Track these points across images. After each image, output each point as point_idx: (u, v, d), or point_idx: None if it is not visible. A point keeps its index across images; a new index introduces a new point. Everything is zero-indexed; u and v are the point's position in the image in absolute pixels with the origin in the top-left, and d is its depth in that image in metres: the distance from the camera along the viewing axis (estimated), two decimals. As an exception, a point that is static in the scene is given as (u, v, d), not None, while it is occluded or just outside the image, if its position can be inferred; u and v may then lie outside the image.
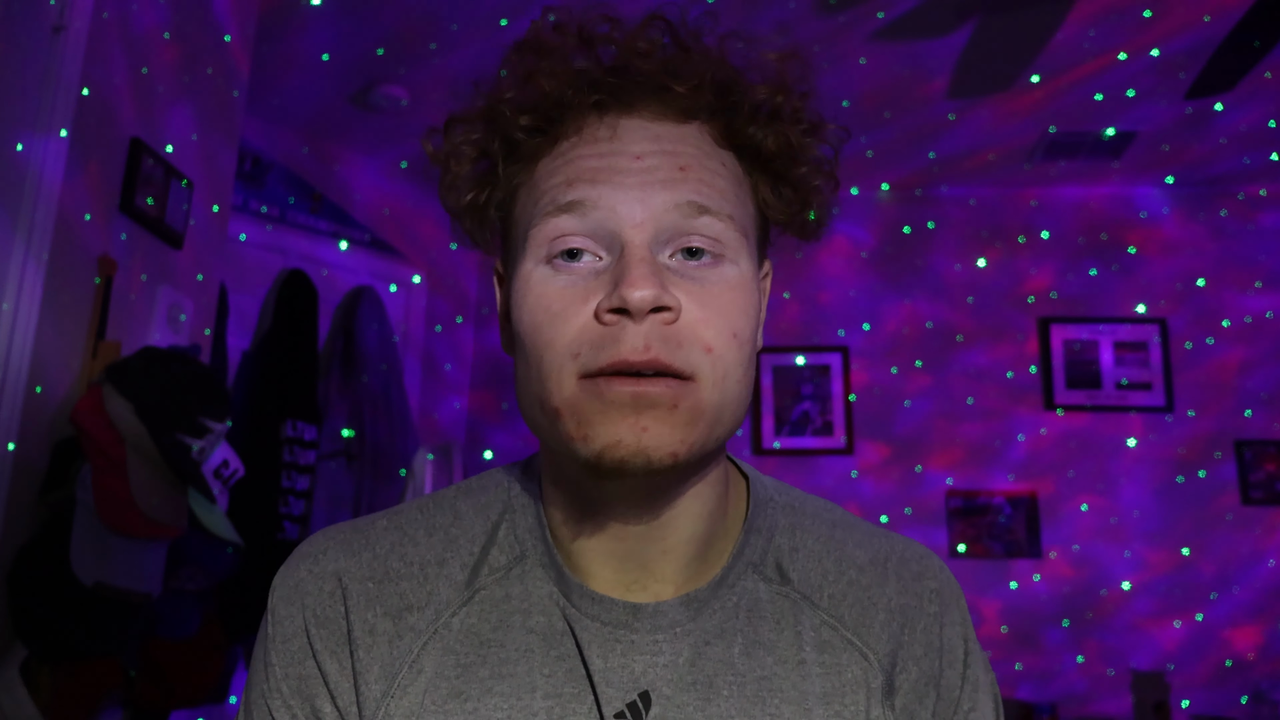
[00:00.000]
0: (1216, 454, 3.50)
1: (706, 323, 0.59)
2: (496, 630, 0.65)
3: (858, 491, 3.53)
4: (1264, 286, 3.60)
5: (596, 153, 0.62)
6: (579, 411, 0.58)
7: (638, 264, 0.57)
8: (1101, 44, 2.74)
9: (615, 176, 0.60)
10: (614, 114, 0.63)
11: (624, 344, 0.57)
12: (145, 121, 1.95)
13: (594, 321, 0.58)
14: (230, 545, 1.78)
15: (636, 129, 0.62)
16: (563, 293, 0.60)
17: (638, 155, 0.61)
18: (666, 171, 0.61)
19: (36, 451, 1.65)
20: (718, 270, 0.61)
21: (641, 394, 0.56)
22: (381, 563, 0.67)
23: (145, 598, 1.61)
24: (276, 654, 0.66)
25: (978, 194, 3.75)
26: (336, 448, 3.05)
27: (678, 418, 0.57)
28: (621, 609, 0.64)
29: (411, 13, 2.67)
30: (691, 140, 0.63)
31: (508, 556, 0.67)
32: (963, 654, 0.69)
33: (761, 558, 0.68)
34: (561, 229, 0.60)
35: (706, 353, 0.58)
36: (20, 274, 1.60)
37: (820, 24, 2.66)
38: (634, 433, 0.56)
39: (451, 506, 0.71)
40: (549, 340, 0.59)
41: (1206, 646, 3.35)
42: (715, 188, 0.62)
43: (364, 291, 3.29)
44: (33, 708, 1.52)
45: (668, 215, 0.60)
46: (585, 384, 0.58)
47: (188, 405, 1.68)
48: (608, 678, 0.63)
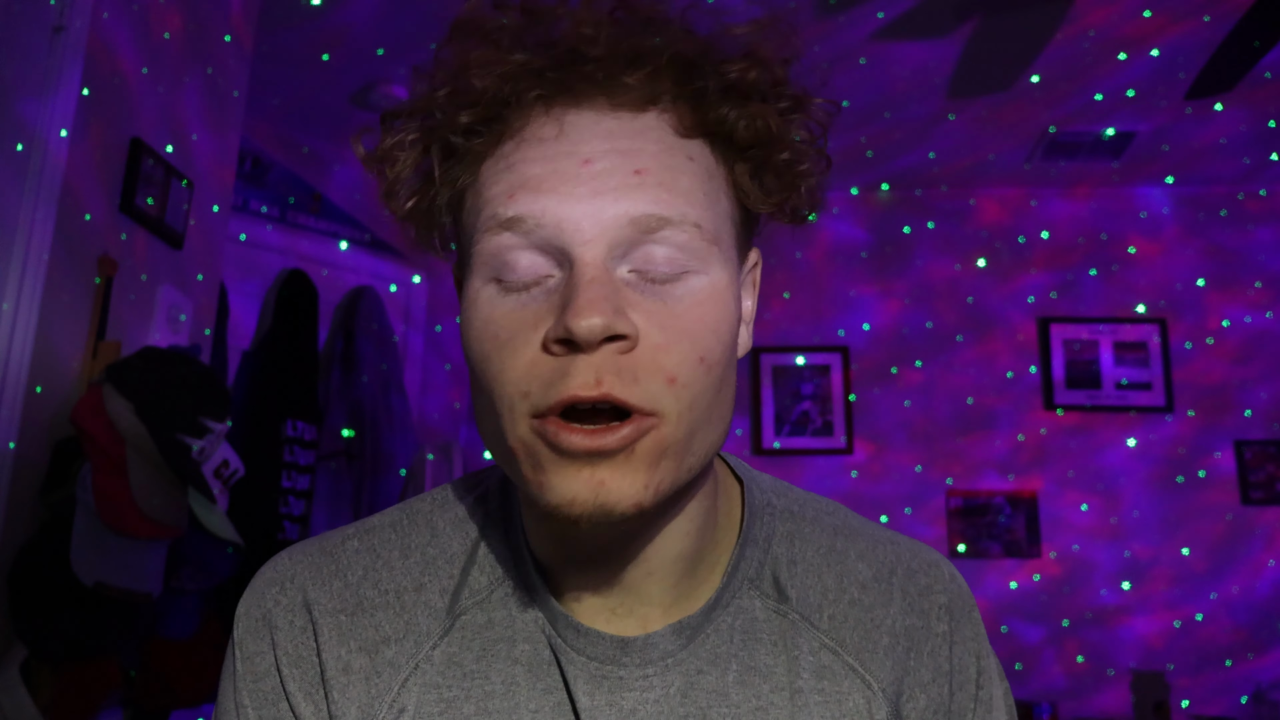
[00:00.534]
0: (1216, 454, 3.50)
1: (668, 349, 0.52)
2: (479, 660, 0.60)
3: (858, 491, 3.53)
4: (1263, 286, 3.60)
5: (541, 155, 0.54)
6: (535, 457, 0.52)
7: (587, 285, 0.50)
8: (1101, 44, 2.74)
9: (562, 185, 0.53)
10: (561, 107, 0.54)
11: (573, 379, 0.50)
12: (145, 121, 1.95)
13: (542, 353, 0.51)
14: (230, 545, 1.78)
15: (586, 125, 0.54)
16: (509, 317, 0.53)
17: (586, 159, 0.53)
18: (620, 177, 0.53)
19: (36, 451, 1.65)
20: (683, 284, 0.53)
21: (595, 448, 0.50)
22: (354, 592, 0.61)
23: (145, 598, 1.61)
24: (248, 694, 0.61)
25: (978, 194, 3.75)
26: (336, 448, 3.05)
27: (636, 463, 0.51)
28: (609, 644, 0.59)
29: (411, 13, 2.67)
30: (650, 134, 0.54)
31: (489, 577, 0.62)
32: (975, 673, 0.65)
33: (758, 572, 0.63)
34: (503, 245, 0.53)
35: (669, 384, 0.51)
36: (20, 274, 1.60)
37: (820, 24, 2.66)
38: (589, 488, 0.51)
39: (428, 522, 0.65)
40: (497, 374, 0.53)
41: (1206, 646, 3.35)
42: (678, 191, 0.53)
43: (364, 291, 3.29)
44: (33, 708, 1.52)
45: (622, 230, 0.52)
46: (537, 425, 0.51)
47: (188, 405, 1.68)
48: (594, 715, 0.58)
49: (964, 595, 0.67)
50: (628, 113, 0.55)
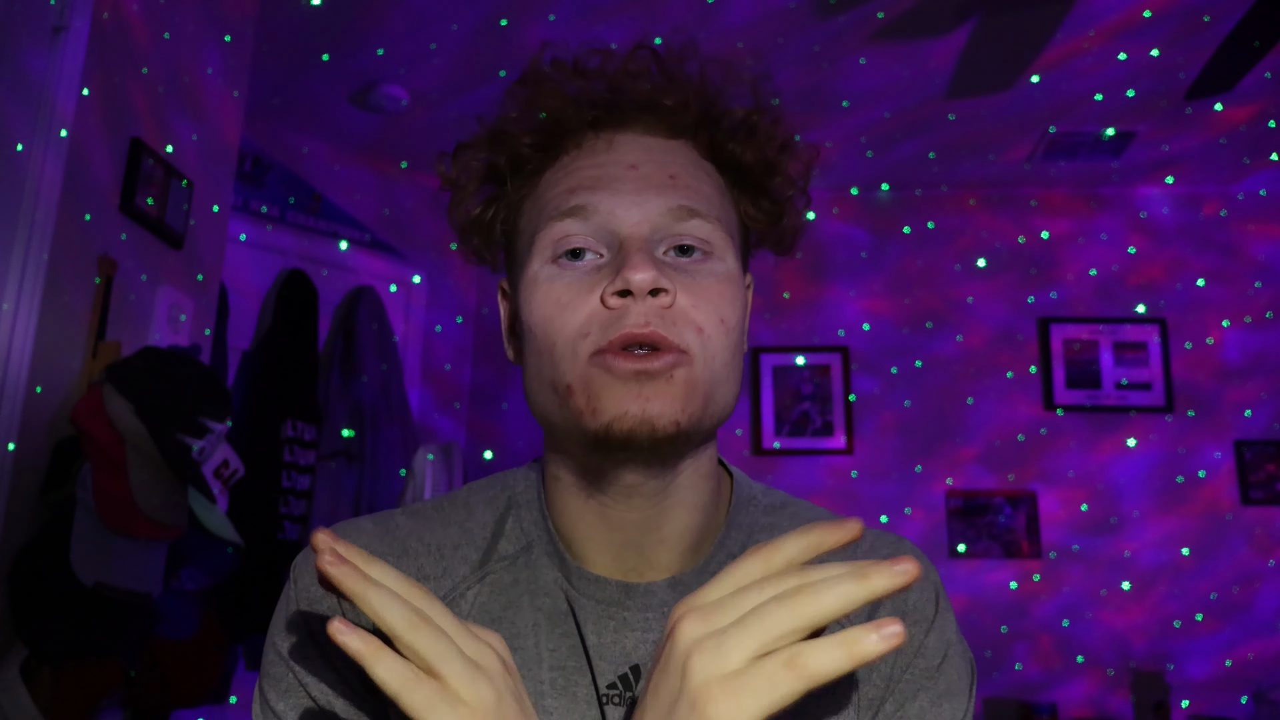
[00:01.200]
0: (1216, 454, 3.50)
1: (697, 308, 0.65)
2: (506, 609, 0.69)
3: (858, 491, 3.53)
4: (1263, 286, 3.60)
5: (595, 163, 0.68)
6: (589, 386, 0.63)
7: (637, 251, 0.64)
8: (1101, 44, 2.74)
9: (613, 184, 0.67)
10: (609, 130, 0.70)
11: (628, 320, 0.63)
12: (145, 121, 1.95)
13: (600, 307, 0.64)
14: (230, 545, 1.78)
15: (630, 142, 0.70)
16: (569, 287, 0.66)
17: (632, 164, 0.68)
18: (659, 179, 0.67)
19: (36, 451, 1.65)
20: (707, 265, 0.67)
21: (643, 369, 0.62)
22: (400, 543, 0.72)
23: (145, 598, 1.61)
24: (302, 616, 0.69)
25: (978, 194, 3.75)
26: (336, 448, 3.05)
27: (675, 389, 0.63)
28: (615, 588, 0.69)
29: (411, 13, 2.67)
30: (679, 153, 0.70)
31: (515, 547, 0.72)
32: (931, 614, 0.70)
33: (741, 549, 0.72)
34: (566, 230, 0.67)
35: (698, 333, 0.64)
36: (20, 274, 1.61)
37: (820, 24, 2.66)
38: (639, 403, 0.62)
39: (464, 503, 0.76)
40: (560, 327, 0.65)
41: (1206, 646, 3.35)
42: (702, 194, 0.68)
43: (364, 291, 3.29)
44: (33, 708, 1.52)
45: (661, 217, 0.66)
46: (594, 360, 0.63)
47: (188, 405, 1.68)
48: (601, 652, 0.68)
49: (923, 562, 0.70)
50: (661, 137, 0.71)
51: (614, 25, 2.67)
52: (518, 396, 3.74)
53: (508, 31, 2.74)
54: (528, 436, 3.70)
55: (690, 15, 2.63)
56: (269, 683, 0.68)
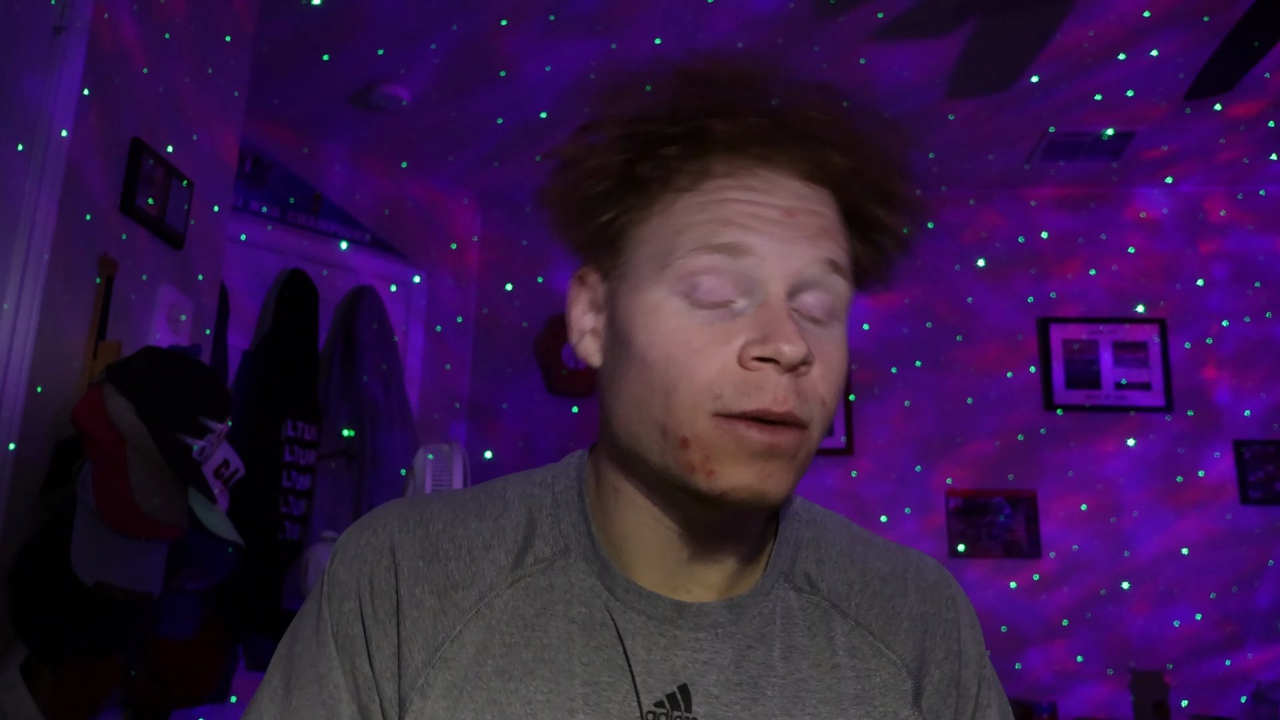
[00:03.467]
0: (1216, 454, 3.50)
1: (825, 379, 0.63)
2: (540, 616, 0.68)
3: (858, 491, 3.53)
4: (1263, 286, 3.60)
5: (749, 200, 0.64)
6: (710, 449, 0.61)
7: (787, 319, 0.61)
8: (1101, 44, 2.74)
9: (768, 227, 0.63)
10: (758, 160, 0.65)
11: (768, 393, 0.60)
12: (145, 121, 1.95)
13: (735, 364, 0.61)
14: (230, 545, 1.78)
15: (787, 185, 0.65)
16: (702, 330, 0.62)
17: (789, 210, 0.64)
18: (812, 229, 0.64)
19: (36, 451, 1.65)
20: (831, 329, 0.65)
21: (774, 445, 0.61)
22: (433, 542, 0.71)
23: (146, 598, 1.61)
24: (330, 611, 0.70)
25: (978, 194, 3.75)
26: (337, 448, 3.05)
27: (794, 465, 0.62)
28: (668, 605, 0.67)
29: (411, 13, 2.67)
30: (827, 203, 0.67)
31: (552, 549, 0.71)
32: (977, 655, 0.75)
33: (790, 567, 0.72)
34: (711, 266, 0.62)
35: (821, 406, 0.63)
36: (20, 274, 1.61)
37: (820, 24, 2.66)
38: (759, 478, 0.61)
39: (501, 496, 0.74)
40: (688, 375, 0.61)
41: (1206, 646, 3.35)
42: (845, 250, 0.66)
43: (364, 291, 3.29)
44: (33, 708, 1.52)
45: (809, 268, 0.64)
46: (720, 423, 0.61)
47: (188, 405, 1.68)
48: (649, 669, 0.66)
49: (964, 596, 0.78)
50: (810, 184, 0.66)
51: (614, 25, 2.67)
52: (518, 396, 3.74)
53: (508, 32, 2.74)
54: (528, 437, 3.70)
55: (690, 14, 2.63)
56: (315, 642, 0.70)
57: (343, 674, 0.68)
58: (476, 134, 3.37)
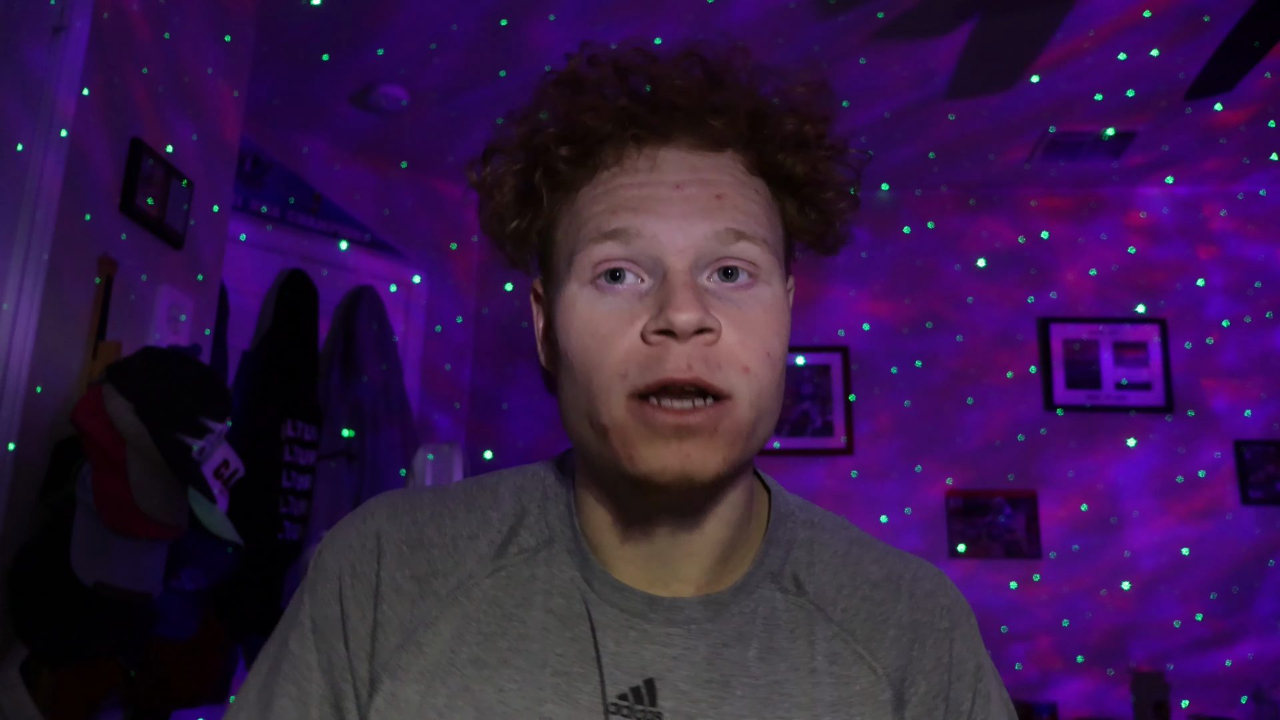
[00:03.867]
0: (1216, 454, 3.50)
1: (744, 344, 0.62)
2: (519, 606, 0.69)
3: (858, 491, 3.53)
4: (1263, 286, 3.60)
5: (637, 182, 0.65)
6: (626, 433, 0.61)
7: (682, 288, 0.61)
8: (1101, 44, 2.74)
9: (657, 206, 0.64)
10: (652, 145, 0.66)
11: (668, 363, 0.60)
12: (145, 121, 1.95)
13: (640, 343, 0.61)
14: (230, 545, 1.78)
15: (674, 159, 0.66)
16: (609, 316, 0.63)
17: (677, 184, 0.64)
18: (705, 200, 0.64)
19: (36, 451, 1.65)
20: (753, 292, 0.64)
21: (684, 425, 0.60)
22: (419, 530, 0.72)
23: (145, 598, 1.61)
24: (310, 595, 0.71)
25: (978, 194, 3.75)
26: (337, 448, 3.05)
27: (718, 440, 0.61)
28: (640, 599, 0.68)
29: (411, 13, 2.67)
30: (726, 169, 0.66)
31: (536, 539, 0.72)
32: (973, 667, 0.72)
33: (779, 568, 0.72)
34: (606, 254, 0.64)
35: (744, 373, 0.62)
36: (20, 274, 1.60)
37: (820, 24, 2.66)
38: (678, 459, 0.60)
39: (493, 488, 0.76)
40: (597, 362, 0.62)
41: (1206, 646, 3.35)
42: (750, 214, 0.65)
43: (364, 291, 3.29)
44: (33, 708, 1.52)
45: (707, 242, 0.63)
46: (632, 406, 0.61)
47: (188, 405, 1.68)
48: (617, 661, 0.66)
49: (963, 604, 0.76)
50: (708, 152, 0.67)
51: (615, 25, 2.67)
52: (518, 396, 3.74)
53: (508, 31, 2.74)
54: (528, 437, 3.70)
55: (690, 14, 2.63)
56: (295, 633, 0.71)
57: (317, 654, 0.69)
58: (476, 134, 3.37)
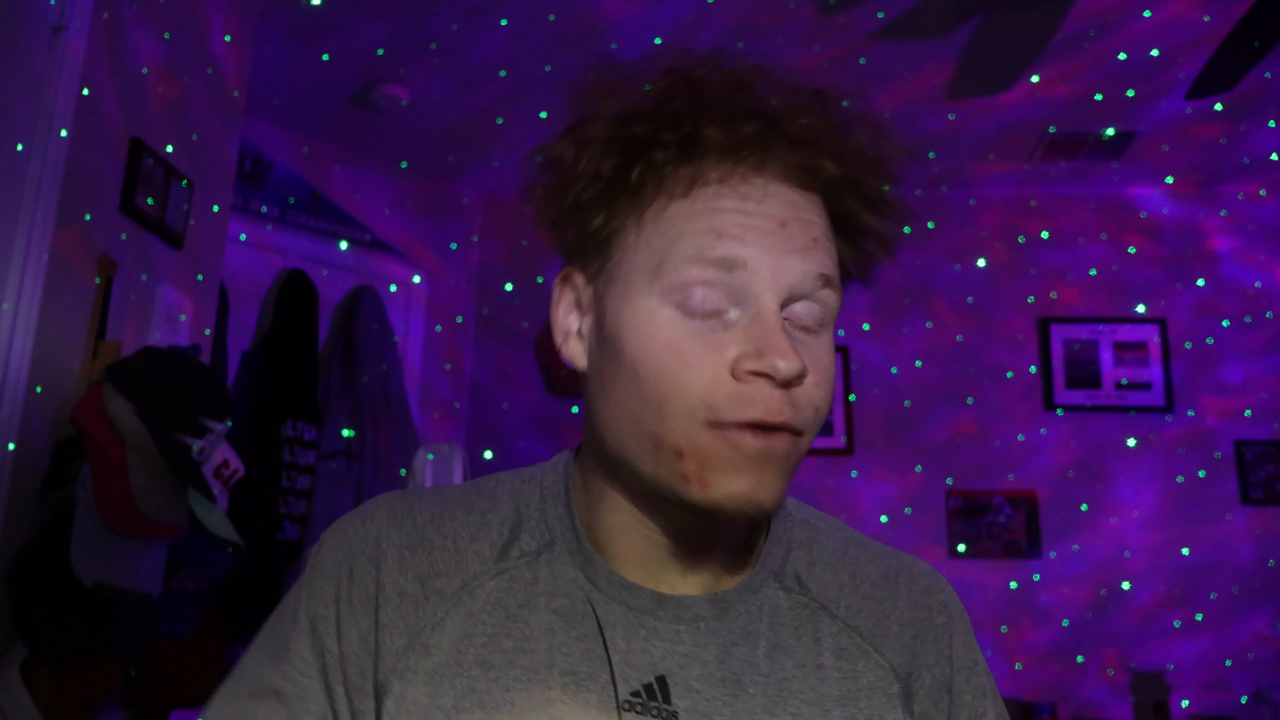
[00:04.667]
0: (1216, 454, 3.50)
1: (818, 387, 0.64)
2: (523, 608, 0.69)
3: (858, 491, 3.53)
4: (1263, 286, 3.60)
5: (742, 209, 0.63)
6: (706, 457, 0.61)
7: (779, 333, 0.61)
8: (1101, 44, 2.74)
9: (761, 239, 0.63)
10: (758, 173, 0.64)
11: (762, 404, 0.61)
12: (145, 121, 1.95)
13: (728, 375, 0.61)
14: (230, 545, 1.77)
15: (778, 194, 0.64)
16: (695, 341, 0.62)
17: (782, 222, 0.63)
18: (803, 241, 0.64)
19: (36, 451, 1.65)
20: (822, 338, 0.66)
21: (769, 449, 0.61)
22: (419, 532, 0.72)
23: (145, 598, 1.61)
24: (308, 592, 0.71)
25: (978, 194, 3.75)
26: (337, 448, 3.05)
27: (786, 471, 0.63)
28: (648, 596, 0.68)
29: (411, 13, 2.67)
30: (818, 211, 0.66)
31: (537, 542, 0.71)
32: (970, 662, 0.74)
33: (781, 567, 0.72)
34: (703, 278, 0.62)
35: (814, 413, 0.64)
36: (20, 274, 1.60)
37: (820, 24, 2.66)
38: (753, 486, 0.61)
39: (491, 492, 0.75)
40: (680, 386, 0.61)
41: (1206, 646, 3.35)
42: (835, 260, 0.66)
43: (364, 291, 3.29)
44: (33, 708, 1.52)
45: (801, 284, 0.63)
46: (715, 432, 0.61)
47: (188, 405, 1.68)
48: (628, 659, 0.66)
49: (957, 601, 0.78)
50: (801, 189, 0.66)
51: (613, 24, 2.67)
52: (518, 396, 3.74)
53: (508, 31, 2.74)
54: (528, 437, 3.70)
55: (690, 13, 2.63)
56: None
57: (311, 652, 0.69)
58: (476, 134, 3.37)
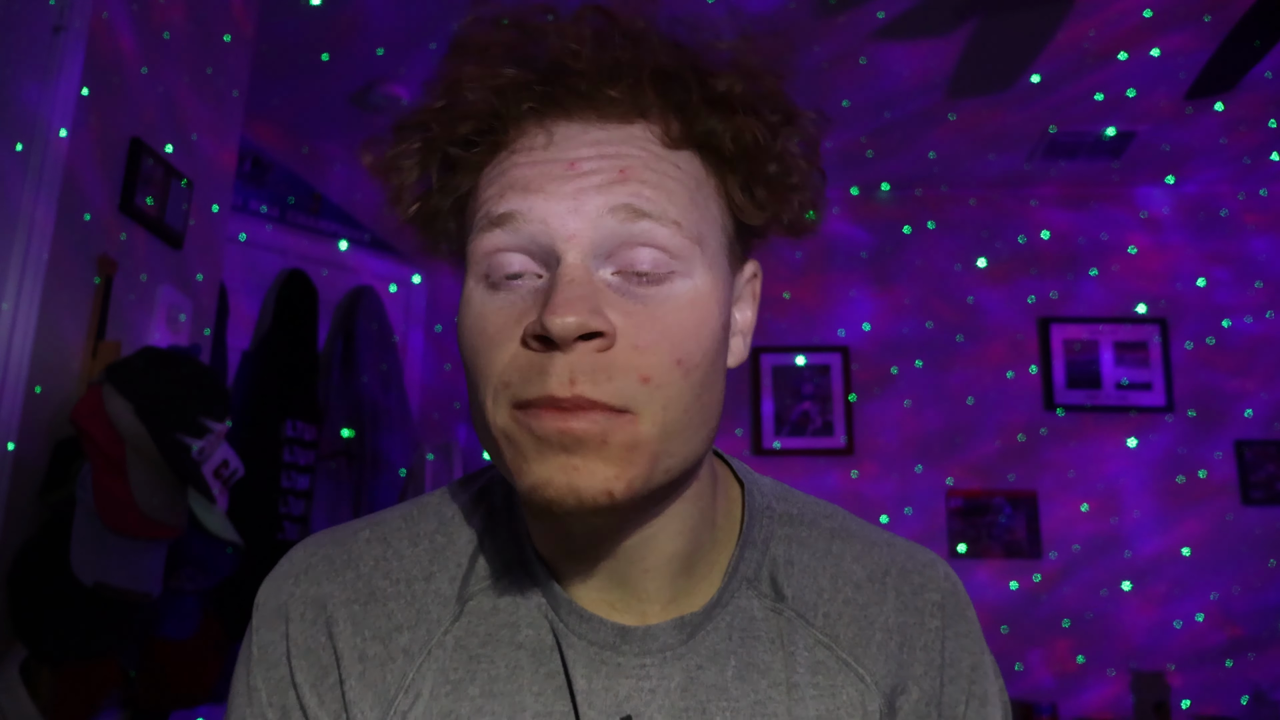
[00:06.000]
0: (1217, 454, 3.50)
1: (645, 349, 0.53)
2: (485, 645, 0.62)
3: (858, 491, 3.53)
4: (1264, 286, 3.60)
5: (530, 161, 0.56)
6: (514, 443, 0.55)
7: (565, 285, 0.53)
8: (1101, 44, 2.74)
9: (548, 185, 0.55)
10: (551, 119, 0.57)
11: (550, 378, 0.52)
12: (145, 121, 1.95)
13: (522, 348, 0.54)
14: (230, 545, 1.77)
15: (574, 134, 0.57)
16: (497, 314, 0.56)
17: (573, 162, 0.55)
18: (604, 176, 0.55)
19: (36, 451, 1.65)
20: (664, 288, 0.55)
21: (567, 430, 0.52)
22: (366, 582, 0.64)
23: (145, 598, 1.61)
24: (261, 679, 0.63)
25: (978, 194, 3.75)
26: (336, 448, 3.05)
27: (610, 454, 0.53)
28: (610, 630, 0.61)
29: (411, 12, 2.67)
30: (637, 142, 0.57)
31: (494, 566, 0.65)
32: (968, 668, 0.67)
33: (756, 572, 0.65)
34: (495, 244, 0.56)
35: (643, 383, 0.53)
36: (20, 274, 1.60)
37: (820, 24, 2.66)
38: (563, 472, 0.53)
39: (436, 512, 0.67)
40: (484, 367, 0.56)
41: (1206, 646, 3.35)
42: (662, 190, 0.55)
43: (364, 291, 3.29)
44: (33, 708, 1.52)
45: (603, 221, 0.54)
46: (517, 414, 0.54)
47: (188, 405, 1.68)
48: (590, 699, 0.60)
49: (958, 594, 0.69)
50: (615, 124, 0.57)
51: (614, 25, 2.67)
52: (518, 396, 3.74)
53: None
54: (528, 436, 3.70)
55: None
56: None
57: None
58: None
